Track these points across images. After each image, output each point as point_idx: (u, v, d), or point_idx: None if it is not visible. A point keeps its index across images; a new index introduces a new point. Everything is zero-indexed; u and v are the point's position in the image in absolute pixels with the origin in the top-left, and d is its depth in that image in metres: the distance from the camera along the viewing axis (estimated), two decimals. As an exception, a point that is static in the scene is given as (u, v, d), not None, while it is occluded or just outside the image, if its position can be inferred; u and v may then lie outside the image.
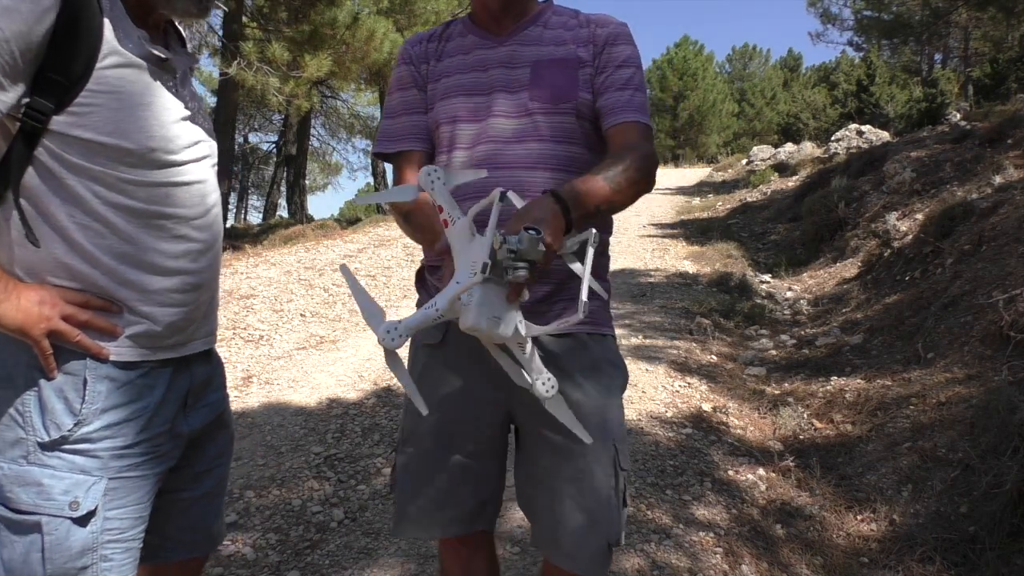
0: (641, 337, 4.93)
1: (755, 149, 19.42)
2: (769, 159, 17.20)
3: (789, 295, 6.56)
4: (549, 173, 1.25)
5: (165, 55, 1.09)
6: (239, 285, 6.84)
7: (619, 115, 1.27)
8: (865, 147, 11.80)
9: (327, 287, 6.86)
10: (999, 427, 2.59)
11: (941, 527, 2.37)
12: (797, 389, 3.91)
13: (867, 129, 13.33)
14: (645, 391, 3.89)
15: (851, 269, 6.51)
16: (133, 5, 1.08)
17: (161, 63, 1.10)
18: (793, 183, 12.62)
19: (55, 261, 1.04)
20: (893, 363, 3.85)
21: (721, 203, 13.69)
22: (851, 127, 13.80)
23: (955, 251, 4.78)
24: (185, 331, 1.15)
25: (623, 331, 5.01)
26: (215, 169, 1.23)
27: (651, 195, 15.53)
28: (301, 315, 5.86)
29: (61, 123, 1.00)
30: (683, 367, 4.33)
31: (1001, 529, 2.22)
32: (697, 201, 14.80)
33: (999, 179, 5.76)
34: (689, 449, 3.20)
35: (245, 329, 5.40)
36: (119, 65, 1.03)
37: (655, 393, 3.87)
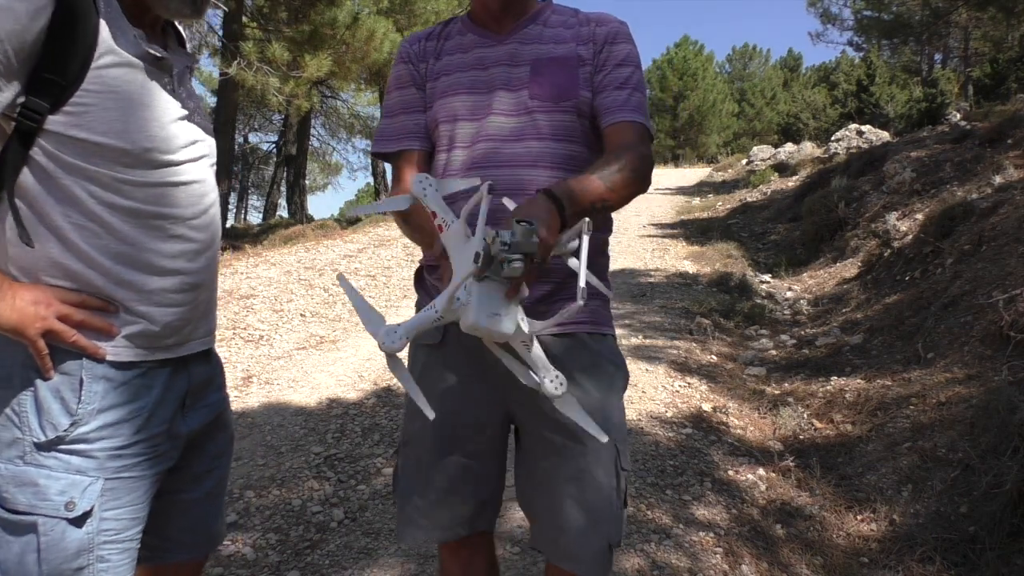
0: (641, 337, 4.93)
1: (755, 149, 19.41)
2: (769, 159, 17.20)
3: (789, 295, 6.56)
4: (549, 171, 1.25)
5: (161, 54, 1.09)
6: (239, 285, 6.83)
7: (616, 114, 1.27)
8: (865, 147, 11.80)
9: (327, 287, 6.85)
10: (999, 427, 2.59)
11: (941, 527, 2.37)
12: (797, 389, 3.91)
13: (867, 129, 13.33)
14: (645, 391, 3.89)
15: (851, 269, 6.51)
16: (129, 5, 1.07)
17: (157, 62, 1.09)
18: (793, 183, 12.62)
19: (51, 261, 1.04)
20: (893, 363, 3.85)
21: (721, 203, 13.69)
22: (851, 127, 13.80)
23: (955, 251, 4.78)
24: (182, 331, 1.15)
25: (623, 331, 5.01)
26: (213, 169, 1.22)
27: (651, 195, 15.58)
28: (301, 315, 5.86)
29: (57, 123, 1.00)
30: (683, 367, 4.33)
31: (1001, 529, 2.22)
32: (697, 201, 14.80)
33: (999, 179, 5.76)
34: (689, 449, 3.20)
35: (245, 329, 5.39)
36: (115, 64, 1.02)
37: (655, 393, 3.87)
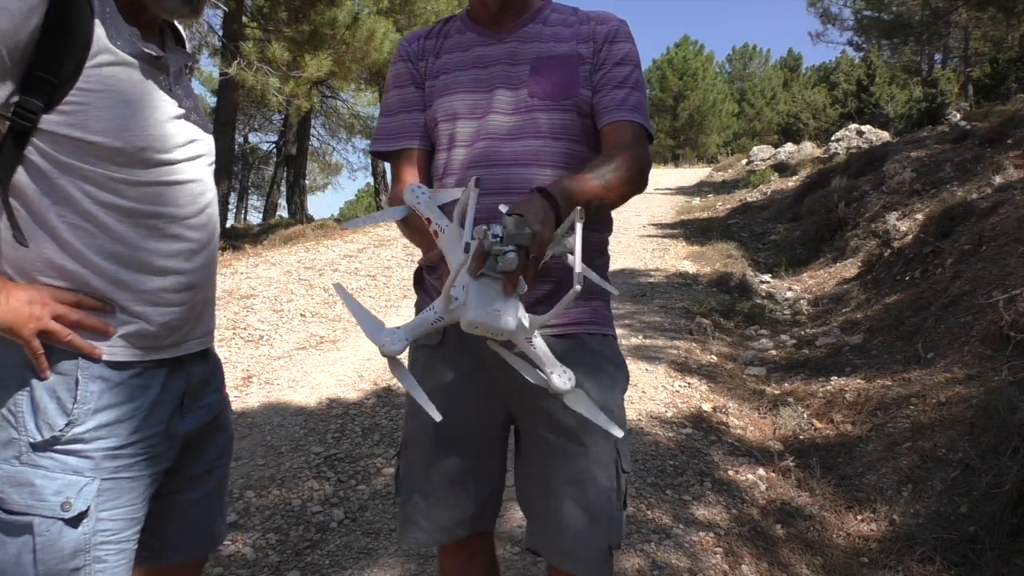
0: (641, 337, 4.93)
1: (755, 149, 19.41)
2: (769, 159, 17.19)
3: (789, 295, 6.56)
4: (549, 170, 1.24)
5: (157, 53, 1.08)
6: (239, 285, 6.83)
7: (613, 113, 1.27)
8: (865, 147, 11.80)
9: (327, 287, 6.85)
10: (999, 427, 2.59)
11: (941, 527, 2.37)
12: (797, 389, 3.91)
13: (867, 129, 13.33)
14: (645, 391, 3.89)
15: (851, 269, 6.51)
16: (126, 4, 1.07)
17: (153, 61, 1.08)
18: (793, 183, 12.61)
19: (46, 261, 1.03)
20: (893, 363, 3.85)
21: (721, 203, 13.69)
22: (851, 127, 13.80)
23: (955, 251, 4.78)
24: (179, 331, 1.14)
25: (623, 331, 5.01)
26: (211, 168, 1.21)
27: (651, 195, 15.59)
28: (301, 315, 5.86)
29: (51, 122, 0.99)
30: (683, 367, 4.33)
31: (1001, 529, 2.21)
32: (697, 201, 14.80)
33: (999, 179, 5.76)
34: (689, 449, 3.20)
35: (245, 329, 5.39)
36: (110, 63, 1.02)
37: (655, 393, 3.87)
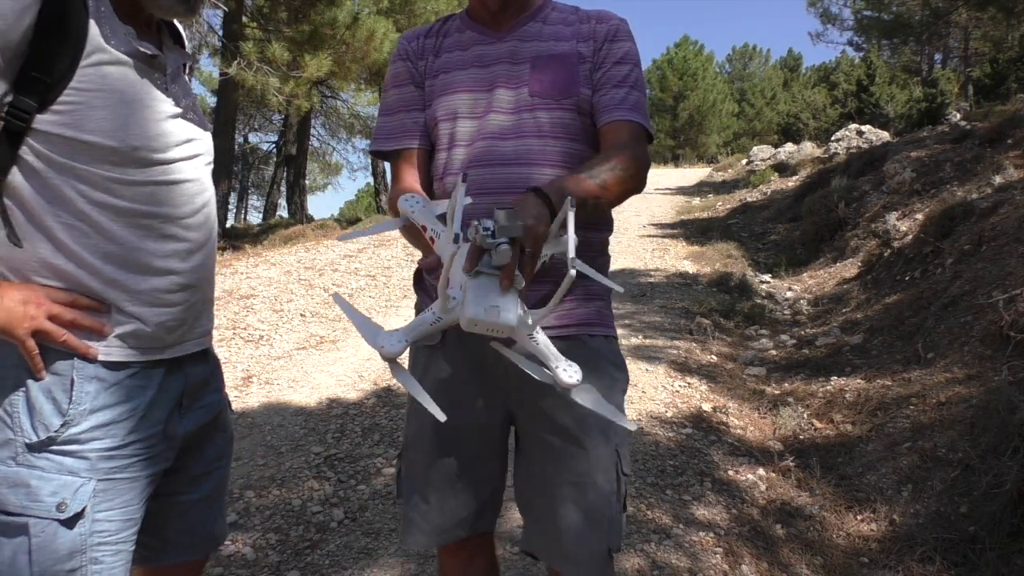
0: (641, 337, 4.93)
1: (755, 149, 19.40)
2: (769, 159, 17.19)
3: (789, 295, 6.56)
4: (550, 169, 1.23)
5: (152, 52, 1.07)
6: (239, 285, 6.83)
7: (612, 113, 1.26)
8: (865, 147, 11.80)
9: (327, 287, 6.85)
10: (999, 427, 2.59)
11: (941, 527, 2.37)
12: (797, 389, 3.91)
13: (867, 129, 13.32)
14: (645, 391, 3.89)
15: (851, 269, 6.51)
16: (121, 2, 1.06)
17: (149, 60, 1.07)
18: (793, 183, 12.61)
19: (41, 261, 1.03)
20: (893, 363, 3.85)
21: (721, 203, 13.69)
22: (851, 127, 13.80)
23: (955, 251, 4.78)
24: (176, 332, 1.13)
25: (623, 331, 5.01)
26: (209, 167, 1.21)
27: (651, 195, 15.59)
28: (301, 315, 5.86)
29: (45, 122, 0.99)
30: (683, 367, 4.33)
31: (1001, 529, 2.21)
32: (697, 201, 14.80)
33: (999, 179, 5.76)
34: (689, 449, 3.20)
35: (245, 329, 5.39)
36: (104, 63, 1.01)
37: (655, 393, 3.87)
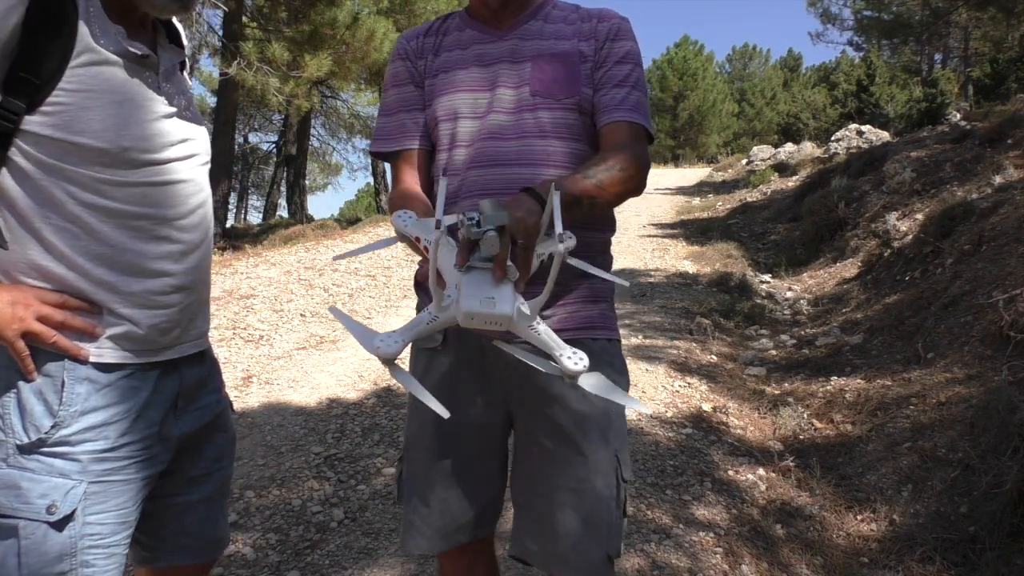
0: (641, 337, 4.93)
1: (755, 149, 19.40)
2: (769, 159, 17.19)
3: (789, 295, 6.56)
4: (552, 170, 1.22)
5: (143, 51, 1.06)
6: (239, 285, 6.83)
7: (612, 114, 1.25)
8: (865, 147, 11.80)
9: (327, 287, 6.86)
10: (999, 427, 2.59)
11: (941, 527, 2.37)
12: (797, 389, 3.91)
13: (867, 129, 13.33)
14: (645, 391, 3.89)
15: (851, 269, 6.51)
16: (114, 2, 1.05)
17: (140, 60, 1.06)
18: (793, 183, 12.61)
19: (31, 263, 1.02)
20: (893, 363, 3.85)
21: (721, 203, 13.69)
22: (851, 127, 13.80)
23: (955, 251, 4.78)
24: (170, 334, 1.13)
25: (623, 331, 5.00)
26: (205, 168, 1.20)
27: (651, 195, 15.58)
28: (301, 315, 5.86)
29: (34, 123, 0.98)
30: (683, 367, 4.33)
31: (1001, 529, 2.21)
32: (697, 201, 14.80)
33: (999, 179, 5.76)
34: (689, 449, 3.20)
35: (245, 329, 5.39)
36: (93, 63, 1.01)
37: (655, 393, 3.87)
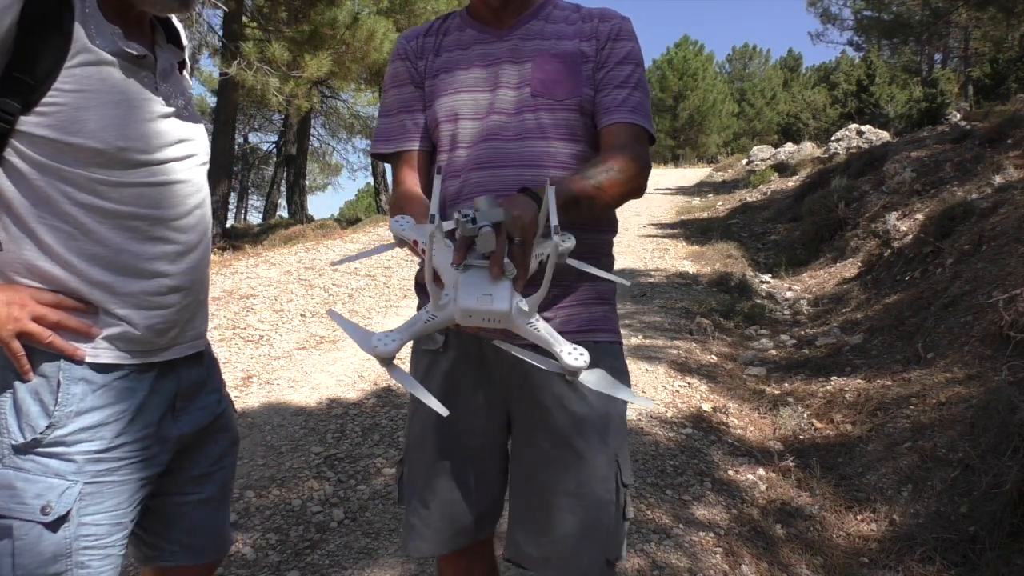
0: (641, 337, 4.93)
1: (755, 149, 19.40)
2: (769, 159, 17.19)
3: (789, 295, 6.56)
4: (554, 171, 1.20)
5: (139, 51, 1.06)
6: (239, 285, 6.83)
7: (612, 115, 1.24)
8: (865, 147, 11.80)
9: (327, 287, 6.86)
10: (999, 427, 2.59)
11: (941, 527, 2.37)
12: (797, 389, 3.91)
13: (867, 129, 13.33)
14: (645, 391, 3.89)
15: (851, 269, 6.51)
16: (110, 1, 1.05)
17: (136, 60, 1.06)
18: (793, 183, 12.61)
19: (26, 263, 1.02)
20: (893, 363, 3.85)
21: (721, 203, 13.69)
22: (851, 127, 13.80)
23: (955, 251, 4.78)
24: (168, 335, 1.12)
25: (623, 331, 4.99)
26: (203, 168, 1.20)
27: (651, 195, 15.58)
28: (301, 315, 5.86)
29: (29, 123, 0.98)
30: (683, 367, 4.33)
31: (1001, 529, 2.21)
32: (697, 201, 14.80)
33: (999, 179, 5.76)
34: (689, 449, 3.20)
35: (245, 329, 5.39)
36: (88, 63, 1.00)
37: (655, 393, 3.87)
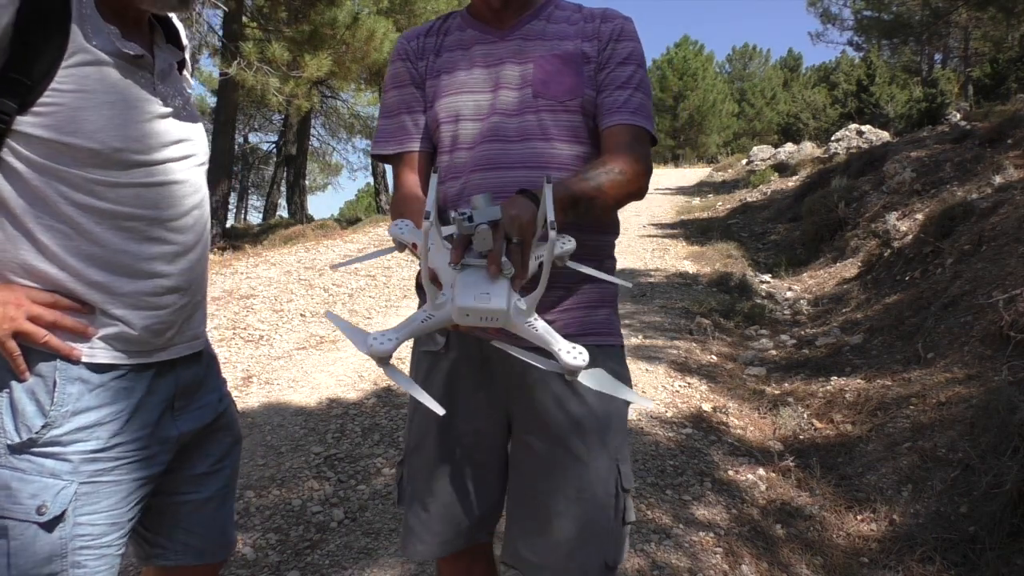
0: (641, 337, 4.93)
1: (755, 149, 19.41)
2: (769, 159, 17.20)
3: (789, 295, 6.56)
4: (556, 173, 1.18)
5: (136, 52, 1.05)
6: (239, 285, 6.83)
7: (614, 116, 1.23)
8: (865, 147, 11.80)
9: (327, 287, 6.86)
10: (999, 427, 2.59)
11: (941, 527, 2.37)
12: (797, 389, 3.91)
13: (867, 129, 13.33)
14: (645, 391, 3.89)
15: (851, 269, 6.51)
16: (107, 1, 1.04)
17: (133, 60, 1.06)
18: (793, 183, 12.61)
19: (22, 264, 1.02)
20: (893, 363, 3.85)
21: (721, 203, 13.69)
22: (851, 127, 13.80)
23: (955, 251, 4.78)
24: (165, 335, 1.12)
25: (623, 331, 5.01)
26: (202, 168, 1.19)
27: (651, 195, 15.53)
28: (301, 315, 5.86)
29: (26, 123, 0.98)
30: (683, 367, 4.33)
31: (1001, 529, 2.21)
32: (697, 201, 14.80)
33: (999, 179, 5.76)
34: (689, 449, 3.20)
35: (245, 329, 5.39)
36: (85, 63, 1.00)
37: (655, 393, 3.87)
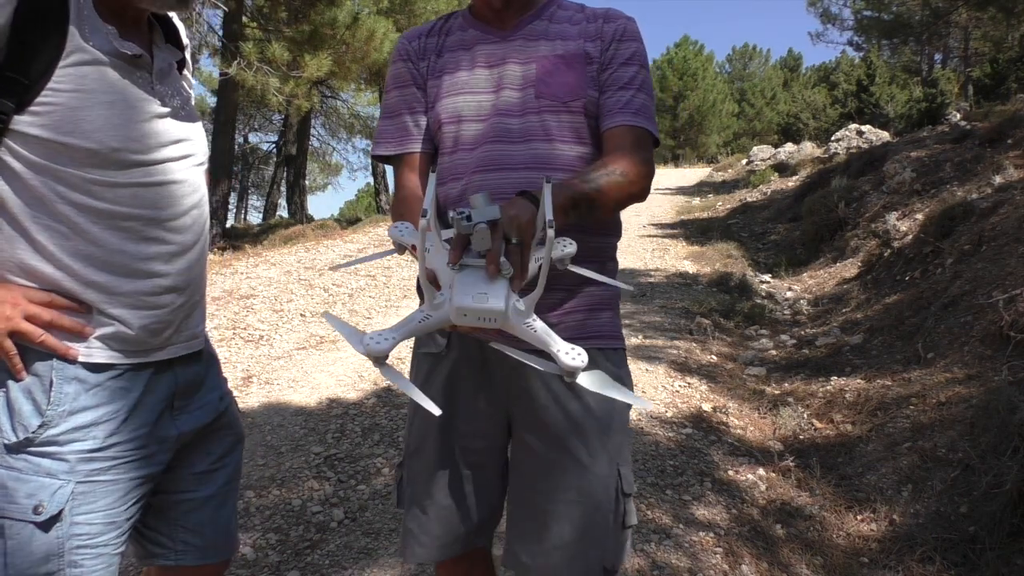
0: (641, 337, 4.93)
1: (755, 149, 19.41)
2: (769, 159, 17.20)
3: (789, 295, 6.56)
4: (558, 174, 1.18)
5: (134, 51, 1.05)
6: (239, 285, 6.83)
7: (616, 117, 1.23)
8: (865, 147, 11.80)
9: (327, 287, 6.86)
10: (999, 427, 2.59)
11: (941, 527, 2.37)
12: (797, 389, 3.91)
13: (867, 129, 13.33)
14: (645, 391, 3.89)
15: (851, 269, 6.51)
16: (105, 0, 1.04)
17: (131, 60, 1.06)
18: (793, 183, 12.61)
19: (19, 263, 1.02)
20: (893, 363, 3.85)
21: (721, 203, 13.69)
22: (851, 127, 13.81)
23: (955, 251, 4.78)
24: (163, 335, 1.12)
25: (623, 331, 5.01)
26: (201, 168, 1.19)
27: (651, 195, 15.41)
28: (301, 315, 5.86)
29: (23, 123, 0.98)
30: (683, 367, 4.33)
31: (1001, 529, 2.21)
32: (697, 201, 14.80)
33: (999, 179, 5.76)
34: (689, 449, 3.20)
35: (245, 329, 5.39)
36: (83, 63, 1.00)
37: (655, 393, 3.87)
